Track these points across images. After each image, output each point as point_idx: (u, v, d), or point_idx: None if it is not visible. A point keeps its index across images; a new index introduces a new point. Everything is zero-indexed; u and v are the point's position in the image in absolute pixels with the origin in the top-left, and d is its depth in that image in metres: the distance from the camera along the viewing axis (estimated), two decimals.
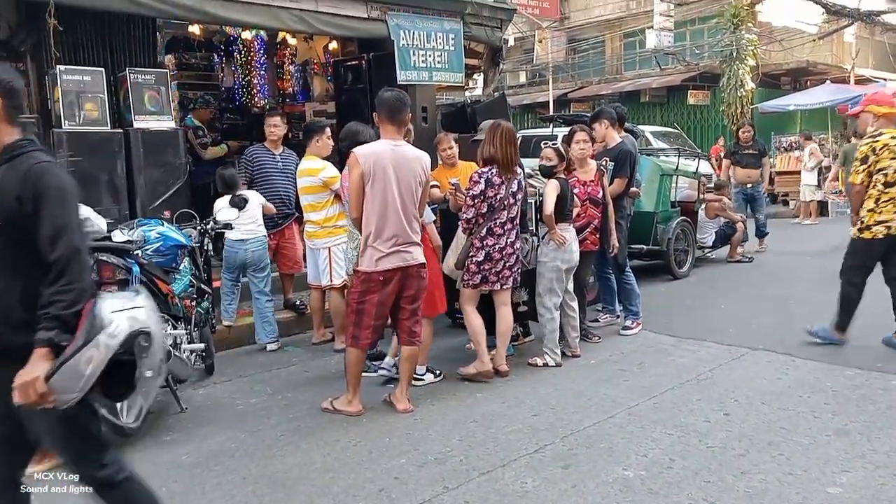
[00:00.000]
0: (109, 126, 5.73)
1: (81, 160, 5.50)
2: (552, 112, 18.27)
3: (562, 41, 23.62)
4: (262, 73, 11.06)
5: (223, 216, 5.49)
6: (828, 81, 17.87)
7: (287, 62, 11.09)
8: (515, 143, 4.84)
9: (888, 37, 21.83)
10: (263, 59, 11.00)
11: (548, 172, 5.13)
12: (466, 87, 11.36)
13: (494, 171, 4.72)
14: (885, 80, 18.35)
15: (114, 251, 3.91)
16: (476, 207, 4.72)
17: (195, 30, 9.65)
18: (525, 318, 5.63)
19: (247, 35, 10.52)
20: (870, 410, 4.08)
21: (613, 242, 5.69)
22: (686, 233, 8.45)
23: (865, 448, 3.58)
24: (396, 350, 4.67)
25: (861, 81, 18.36)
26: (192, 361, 4.65)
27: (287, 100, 11.05)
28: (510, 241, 4.81)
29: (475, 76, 10.53)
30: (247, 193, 5.70)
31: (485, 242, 4.74)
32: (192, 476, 3.56)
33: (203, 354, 4.90)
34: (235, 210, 5.50)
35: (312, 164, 5.55)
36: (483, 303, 4.99)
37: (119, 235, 4.14)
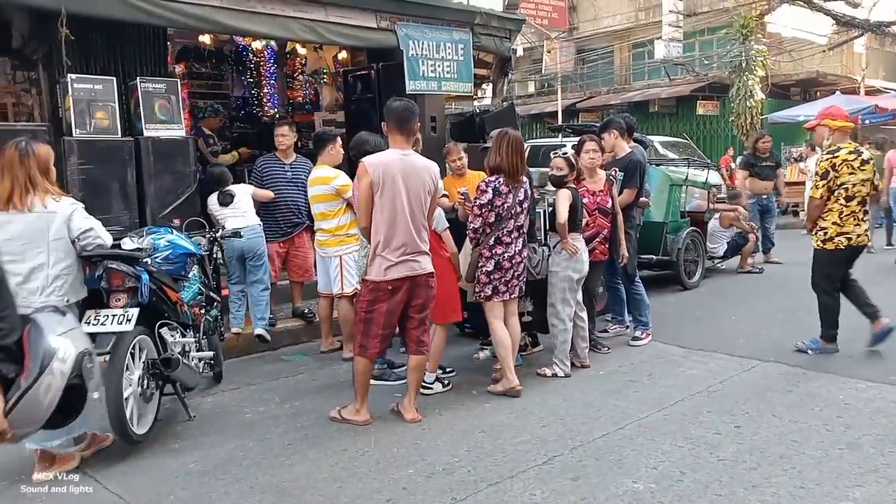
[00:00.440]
0: (120, 134, 5.76)
1: (92, 168, 5.53)
2: (560, 122, 18.29)
3: (570, 51, 23.69)
4: (272, 83, 11.11)
5: (214, 211, 5.89)
6: (838, 92, 17.85)
7: (297, 72, 11.15)
8: (522, 152, 4.82)
9: None
10: (273, 69, 11.05)
11: (558, 182, 5.13)
12: (475, 97, 11.38)
13: (501, 180, 4.71)
14: None
15: (123, 259, 3.94)
16: (483, 217, 4.70)
17: (206, 39, 9.73)
18: (530, 329, 5.59)
19: (257, 45, 10.59)
20: (882, 423, 4.03)
21: (623, 252, 5.68)
22: (696, 243, 8.43)
23: (879, 462, 3.54)
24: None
25: (871, 92, 18.34)
26: (201, 369, 4.65)
27: (297, 109, 11.10)
28: (518, 250, 4.79)
29: (484, 86, 10.57)
30: (233, 188, 5.98)
31: (494, 251, 4.71)
32: (200, 484, 3.55)
33: (211, 362, 4.92)
34: (225, 207, 5.86)
35: (325, 173, 5.57)
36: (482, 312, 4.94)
37: (129, 243, 4.15)
